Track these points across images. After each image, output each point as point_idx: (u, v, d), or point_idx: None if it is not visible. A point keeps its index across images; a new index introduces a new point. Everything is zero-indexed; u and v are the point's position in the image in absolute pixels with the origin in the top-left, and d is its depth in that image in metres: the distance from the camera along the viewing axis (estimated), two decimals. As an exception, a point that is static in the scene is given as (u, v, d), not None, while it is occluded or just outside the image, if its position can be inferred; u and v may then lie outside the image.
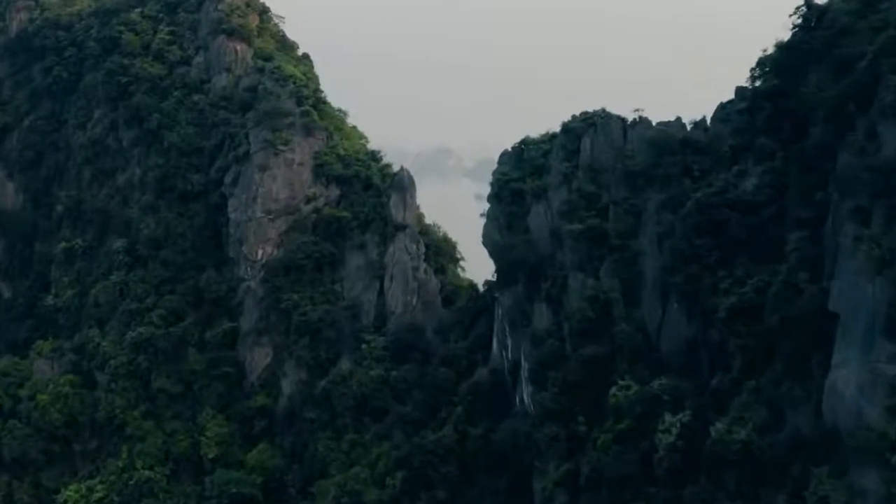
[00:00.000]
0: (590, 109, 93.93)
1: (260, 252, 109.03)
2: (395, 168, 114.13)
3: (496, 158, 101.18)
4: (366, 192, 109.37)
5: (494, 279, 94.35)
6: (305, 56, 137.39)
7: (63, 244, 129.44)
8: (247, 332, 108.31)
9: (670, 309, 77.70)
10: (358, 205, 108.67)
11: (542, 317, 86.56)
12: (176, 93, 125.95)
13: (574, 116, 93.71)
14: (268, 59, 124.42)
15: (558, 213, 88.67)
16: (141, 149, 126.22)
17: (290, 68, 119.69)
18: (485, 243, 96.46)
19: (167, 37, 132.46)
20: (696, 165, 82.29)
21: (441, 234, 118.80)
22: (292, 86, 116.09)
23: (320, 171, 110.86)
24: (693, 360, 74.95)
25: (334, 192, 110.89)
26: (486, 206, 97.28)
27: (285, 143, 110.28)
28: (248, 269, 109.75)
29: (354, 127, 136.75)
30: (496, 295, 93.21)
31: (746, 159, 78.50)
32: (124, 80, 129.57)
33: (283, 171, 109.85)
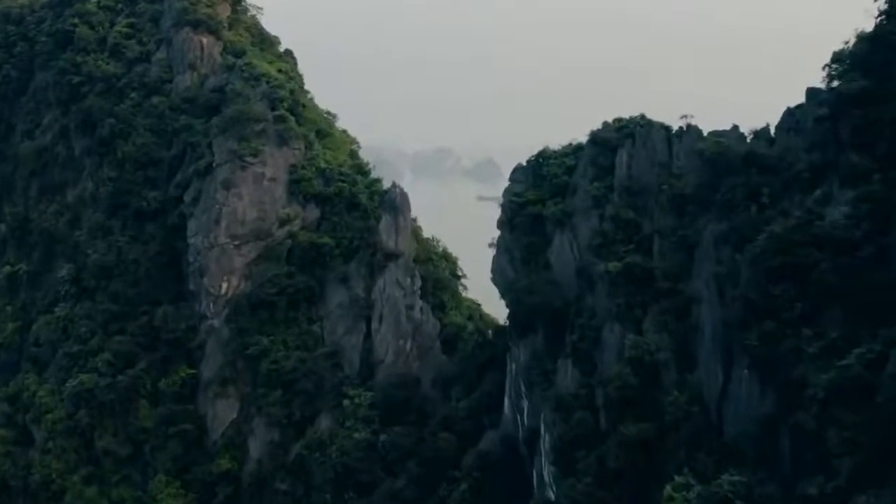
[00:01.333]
0: (624, 115, 75.33)
1: (224, 285, 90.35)
2: (388, 181, 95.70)
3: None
4: (350, 214, 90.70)
5: (507, 324, 75.83)
6: (288, 52, 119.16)
7: (7, 268, 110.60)
8: (209, 380, 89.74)
9: (737, 376, 59.48)
10: (341, 229, 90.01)
11: (567, 377, 68.25)
12: (133, 94, 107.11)
13: (606, 123, 75.35)
14: (239, 54, 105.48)
15: (588, 246, 70.41)
16: (93, 159, 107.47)
17: (263, 66, 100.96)
18: (495, 280, 78.17)
19: (125, 30, 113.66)
20: (764, 188, 63.94)
21: (440, 248, 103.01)
22: (265, 86, 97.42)
23: (296, 187, 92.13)
24: (772, 448, 56.34)
25: (313, 213, 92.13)
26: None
27: (254, 155, 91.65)
28: (211, 305, 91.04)
29: (344, 132, 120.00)
30: (509, 345, 74.51)
31: (831, 181, 60.48)
32: (76, 79, 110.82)
33: (251, 189, 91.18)
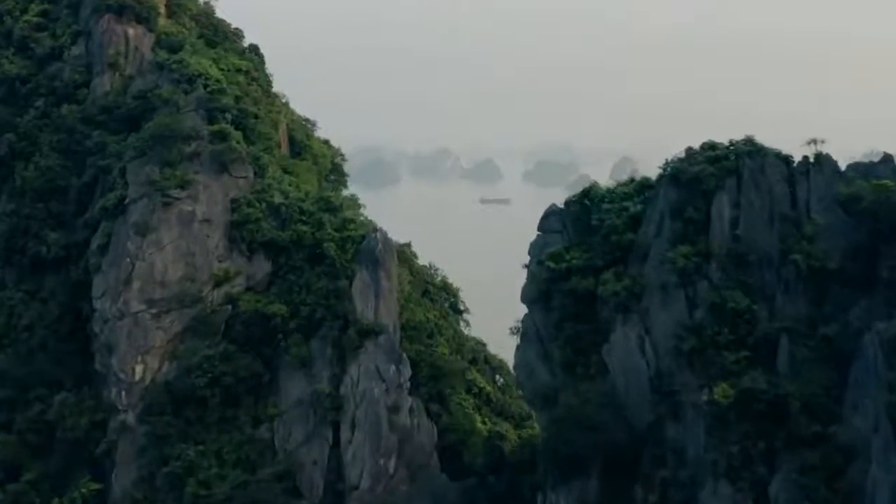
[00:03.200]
0: (714, 138, 48.51)
1: (139, 369, 63.39)
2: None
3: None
4: (314, 270, 63.66)
5: (538, 464, 48.77)
6: (252, 48, 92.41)
7: None
8: (120, 497, 62.50)
9: None
10: (300, 291, 63.09)
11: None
12: (40, 102, 79.64)
13: (689, 150, 48.15)
14: (177, 49, 78.24)
15: (671, 349, 43.58)
16: (-13, 187, 79.97)
17: (201, 64, 73.81)
18: (521, 382, 51.52)
19: (36, 19, 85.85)
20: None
21: (439, 276, 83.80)
22: (202, 91, 70.14)
23: (239, 232, 65.16)
24: None
25: (262, 268, 65.12)
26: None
27: (182, 187, 64.77)
28: (123, 394, 64.08)
29: (326, 142, 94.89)
30: (543, 488, 47.63)
31: None
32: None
33: (175, 234, 64.17)
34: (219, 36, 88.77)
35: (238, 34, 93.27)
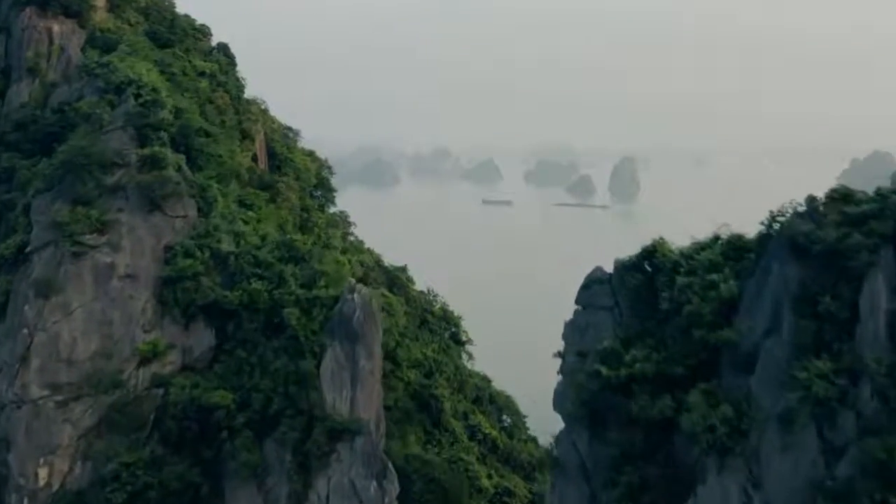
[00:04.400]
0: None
1: (42, 473, 46.88)
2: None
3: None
4: (271, 343, 46.89)
5: None
6: (221, 48, 76.99)
7: None
8: None
9: None
10: (252, 372, 46.20)
11: None
12: (-55, 116, 62.97)
13: (812, 200, 31.33)
14: (110, 48, 61.54)
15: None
16: None
17: (134, 68, 56.87)
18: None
19: (-50, 14, 69.21)
20: None
21: (438, 303, 76.23)
22: (132, 103, 53.35)
23: (174, 292, 48.35)
24: None
25: (202, 340, 48.41)
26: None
27: (99, 231, 48.16)
28: (25, 501, 47.36)
29: (312, 154, 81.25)
30: None
31: None
32: None
33: (89, 295, 47.51)
34: (176, 33, 72.26)
35: (204, 32, 77.09)
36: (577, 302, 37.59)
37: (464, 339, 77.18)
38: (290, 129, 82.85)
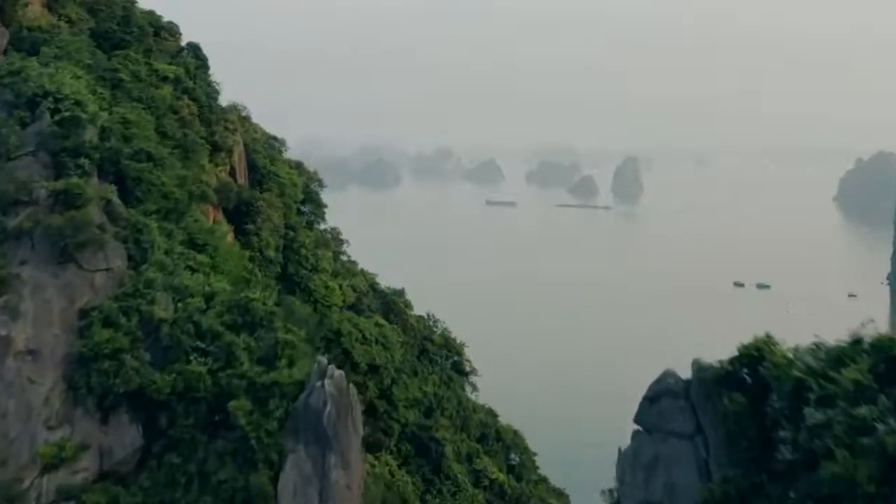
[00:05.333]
0: None
1: None
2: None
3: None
4: (213, 446, 34.46)
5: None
6: (191, 49, 66.55)
7: None
8: None
9: None
10: (189, 485, 33.90)
11: None
12: None
13: None
14: (37, 48, 49.27)
15: None
16: None
17: (55, 77, 44.26)
18: None
19: None
20: None
21: (440, 329, 71.89)
22: (47, 120, 41.04)
23: (88, 375, 35.83)
24: None
25: (125, 439, 35.81)
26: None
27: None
28: None
29: (299, 166, 72.04)
30: None
31: None
32: None
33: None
34: (131, 32, 60.17)
35: (171, 30, 65.19)
36: (637, 421, 25.37)
37: (467, 368, 71.83)
38: (275, 138, 72.69)
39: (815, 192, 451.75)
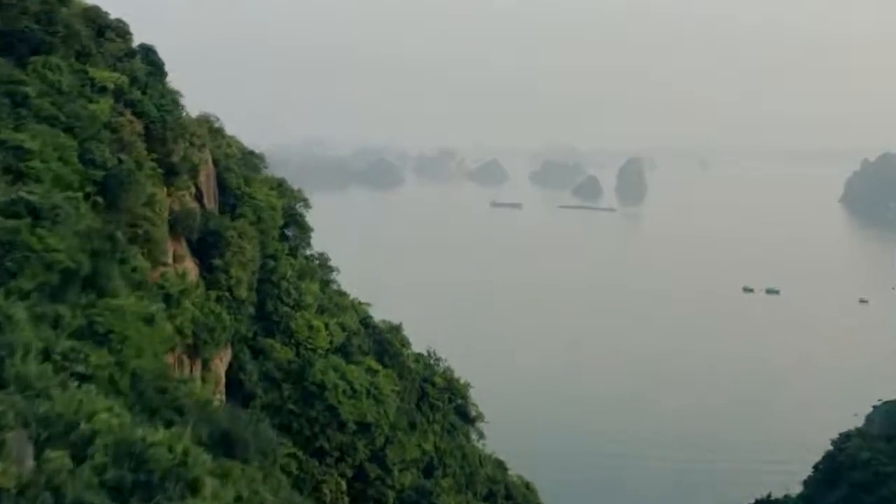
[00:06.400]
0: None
1: None
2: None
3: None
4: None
5: None
6: (143, 52, 53.87)
7: None
8: None
9: None
10: None
11: None
12: None
13: None
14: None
15: None
16: None
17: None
18: None
19: None
20: None
21: (442, 366, 64.06)
22: None
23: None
24: None
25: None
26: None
27: None
28: None
29: (281, 185, 62.00)
30: None
31: None
32: None
33: None
34: (57, 33, 49.17)
35: (119, 31, 54.05)
36: None
37: (472, 413, 64.79)
38: (252, 153, 62.47)
39: (820, 193, 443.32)
